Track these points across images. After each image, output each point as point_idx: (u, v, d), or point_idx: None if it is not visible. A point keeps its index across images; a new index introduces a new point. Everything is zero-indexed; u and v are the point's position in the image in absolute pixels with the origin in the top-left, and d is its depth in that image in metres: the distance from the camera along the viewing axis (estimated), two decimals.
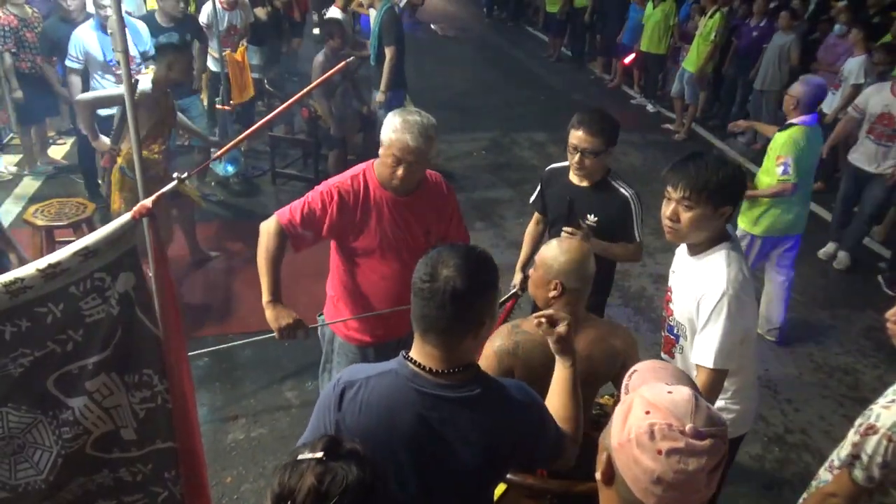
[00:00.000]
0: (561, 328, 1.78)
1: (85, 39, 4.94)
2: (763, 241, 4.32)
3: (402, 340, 1.66)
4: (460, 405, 1.58)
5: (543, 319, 1.80)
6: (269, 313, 2.43)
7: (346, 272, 2.72)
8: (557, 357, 1.82)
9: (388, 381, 1.59)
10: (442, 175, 2.84)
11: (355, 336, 2.81)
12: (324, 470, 1.25)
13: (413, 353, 1.60)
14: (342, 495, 1.24)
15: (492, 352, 2.23)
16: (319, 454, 1.27)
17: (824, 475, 2.10)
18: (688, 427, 1.08)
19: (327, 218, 2.54)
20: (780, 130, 4.21)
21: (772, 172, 4.12)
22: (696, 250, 2.27)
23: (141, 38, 5.10)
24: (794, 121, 4.11)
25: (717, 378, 2.17)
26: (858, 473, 1.85)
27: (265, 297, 2.46)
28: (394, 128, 2.45)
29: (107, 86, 4.91)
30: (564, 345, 1.79)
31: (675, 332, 2.39)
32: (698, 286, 2.20)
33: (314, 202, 2.54)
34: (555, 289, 2.18)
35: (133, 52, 4.85)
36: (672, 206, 2.19)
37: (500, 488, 2.27)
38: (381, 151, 2.51)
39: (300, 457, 1.28)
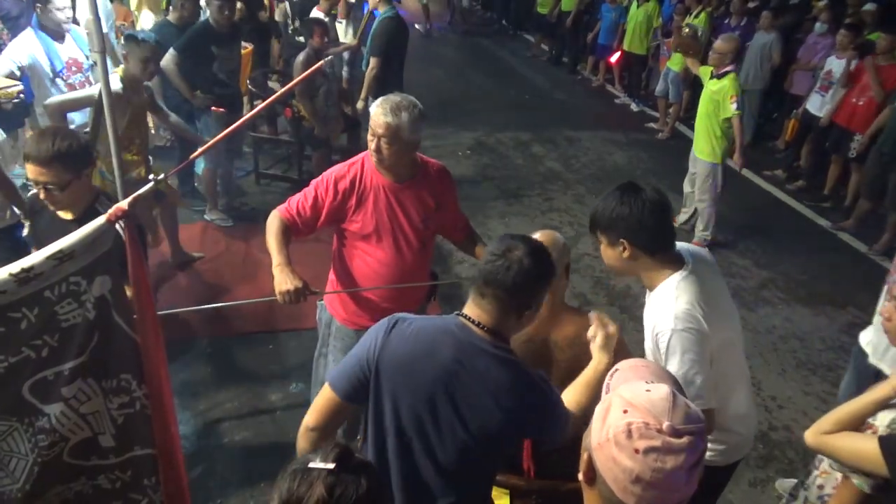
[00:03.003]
0: (612, 328, 2.01)
1: (32, 49, 4.44)
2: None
3: None
4: (497, 362, 1.72)
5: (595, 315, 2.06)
6: (276, 276, 2.46)
7: (345, 255, 2.81)
8: (598, 353, 1.99)
9: (437, 323, 1.78)
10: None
11: (352, 320, 2.87)
12: (335, 481, 1.24)
13: (466, 310, 1.77)
14: None
15: None
16: (331, 465, 1.26)
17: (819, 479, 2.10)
18: (665, 425, 1.07)
19: (323, 207, 2.65)
20: (717, 78, 5.27)
21: (726, 109, 5.18)
22: (648, 283, 2.16)
23: (85, 45, 4.93)
24: (728, 69, 5.26)
25: None
26: (864, 482, 1.82)
27: (275, 261, 2.49)
28: (374, 106, 2.60)
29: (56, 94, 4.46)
30: (608, 343, 1.99)
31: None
32: (651, 321, 2.10)
33: (311, 193, 2.67)
34: None
35: (81, 58, 4.69)
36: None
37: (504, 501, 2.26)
38: None
39: (311, 465, 1.26)
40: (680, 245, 2.17)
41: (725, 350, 2.12)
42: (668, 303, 2.04)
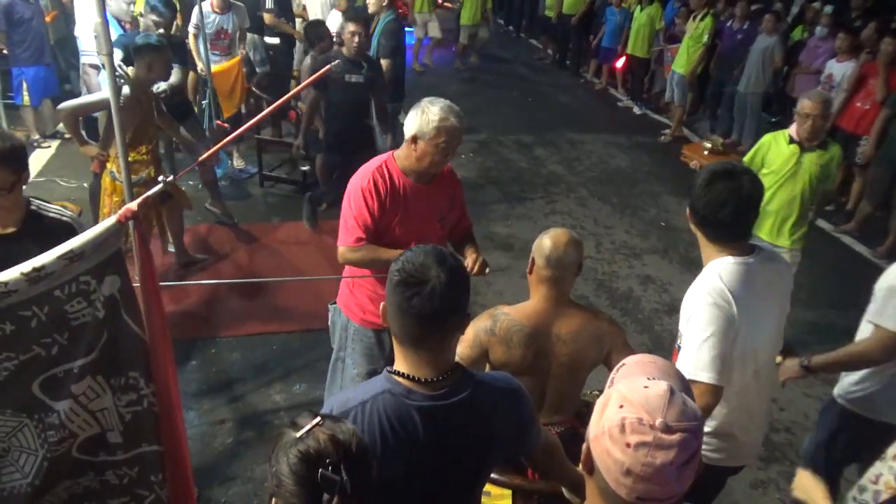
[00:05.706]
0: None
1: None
2: None
3: None
4: (458, 410, 1.57)
5: None
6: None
7: None
8: None
9: (385, 404, 1.55)
10: None
11: (371, 320, 2.87)
12: (332, 426, 1.30)
13: (401, 367, 1.57)
14: (358, 443, 1.30)
15: (470, 329, 2.28)
16: (316, 420, 1.29)
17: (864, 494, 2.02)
18: (657, 421, 1.10)
19: (376, 215, 2.67)
20: (820, 149, 3.97)
21: (833, 181, 4.20)
22: (704, 260, 2.19)
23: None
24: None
25: (698, 391, 1.95)
26: None
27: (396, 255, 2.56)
28: (439, 117, 2.56)
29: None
30: None
31: (678, 343, 2.23)
32: (687, 295, 2.13)
33: (358, 214, 2.66)
34: (531, 264, 2.32)
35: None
36: None
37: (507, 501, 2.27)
38: (422, 142, 2.59)
39: (300, 433, 1.28)
40: (766, 246, 2.17)
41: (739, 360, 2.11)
42: (708, 279, 2.06)
